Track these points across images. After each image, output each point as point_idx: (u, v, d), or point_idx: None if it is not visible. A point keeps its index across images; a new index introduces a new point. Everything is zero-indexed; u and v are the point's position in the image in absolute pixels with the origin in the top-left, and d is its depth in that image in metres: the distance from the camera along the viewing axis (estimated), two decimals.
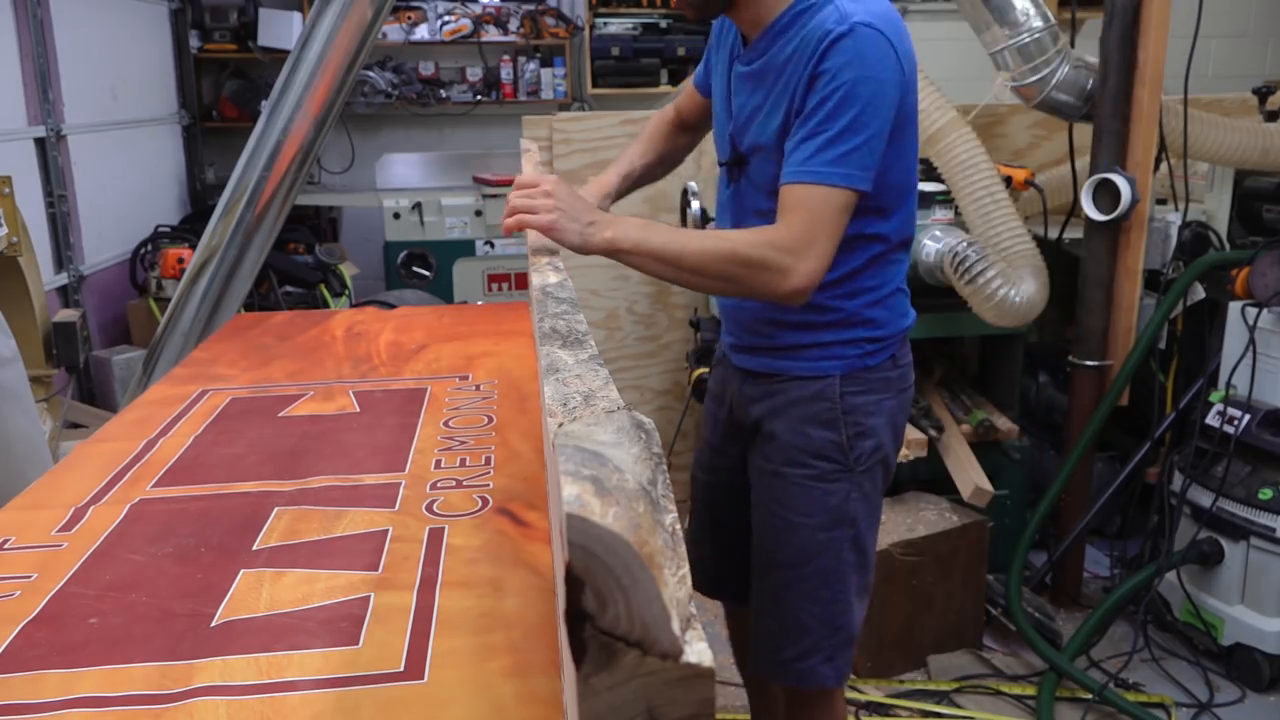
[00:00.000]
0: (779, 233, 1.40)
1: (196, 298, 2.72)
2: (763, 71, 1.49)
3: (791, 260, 1.38)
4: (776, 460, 1.60)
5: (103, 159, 4.33)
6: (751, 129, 1.52)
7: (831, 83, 1.37)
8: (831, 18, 1.39)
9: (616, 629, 0.43)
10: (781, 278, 1.39)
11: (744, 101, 1.54)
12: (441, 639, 0.83)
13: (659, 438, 0.56)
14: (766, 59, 1.48)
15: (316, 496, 1.12)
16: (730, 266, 1.40)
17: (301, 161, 2.71)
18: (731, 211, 1.60)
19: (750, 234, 1.43)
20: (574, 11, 5.52)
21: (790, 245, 1.38)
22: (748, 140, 1.53)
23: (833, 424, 1.57)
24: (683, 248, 1.41)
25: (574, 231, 1.38)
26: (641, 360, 3.36)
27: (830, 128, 1.38)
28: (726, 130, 1.58)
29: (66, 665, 0.79)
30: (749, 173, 1.55)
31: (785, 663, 1.63)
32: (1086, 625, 2.64)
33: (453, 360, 1.68)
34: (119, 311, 4.39)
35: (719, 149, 1.64)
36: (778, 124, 1.46)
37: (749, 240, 1.41)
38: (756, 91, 1.50)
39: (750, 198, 1.55)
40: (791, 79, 1.43)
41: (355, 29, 2.63)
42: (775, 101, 1.46)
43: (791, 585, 1.61)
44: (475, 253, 4.82)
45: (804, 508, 1.58)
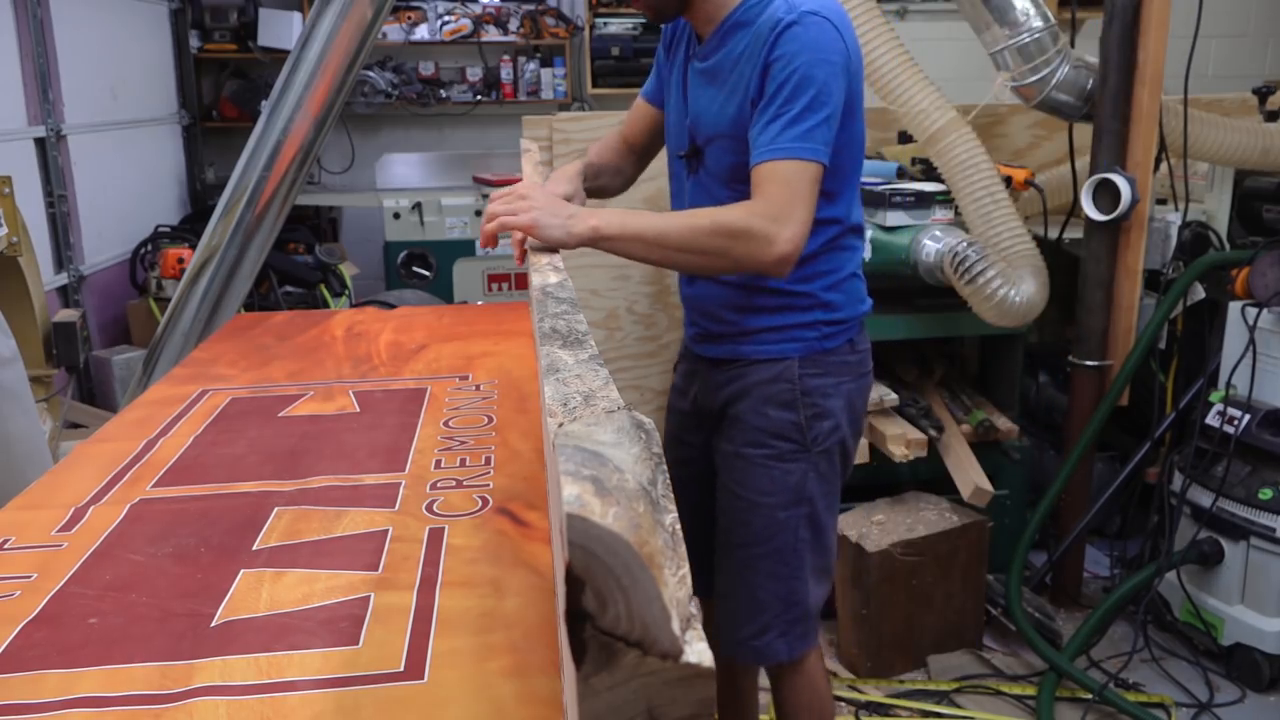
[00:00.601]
0: (758, 204, 1.45)
1: (196, 298, 2.72)
2: (718, 66, 1.55)
3: (775, 227, 1.43)
4: (738, 441, 1.66)
5: (103, 159, 4.33)
6: (707, 120, 1.58)
7: (786, 67, 1.44)
8: (780, 9, 1.47)
9: (617, 629, 0.43)
10: (767, 245, 1.44)
11: (699, 94, 1.60)
12: (441, 639, 0.82)
13: (659, 438, 0.56)
14: (722, 54, 1.55)
15: (316, 496, 1.12)
16: (715, 239, 1.45)
17: (301, 161, 2.71)
18: (691, 202, 1.65)
19: (730, 207, 1.48)
20: (574, 11, 5.52)
21: (771, 213, 1.44)
22: (704, 131, 1.59)
23: (791, 405, 1.63)
24: (666, 226, 1.46)
25: (556, 226, 1.41)
26: (641, 360, 3.36)
27: (791, 108, 1.44)
28: (684, 123, 1.64)
29: (66, 665, 0.79)
30: (706, 163, 1.61)
31: (743, 641, 1.69)
32: (1086, 625, 2.64)
33: (453, 360, 1.68)
34: (119, 311, 4.39)
35: (673, 143, 1.69)
36: (732, 113, 1.52)
37: (731, 212, 1.46)
38: (712, 84, 1.57)
39: (709, 187, 1.61)
40: (746, 69, 1.50)
41: (355, 29, 2.63)
42: (730, 91, 1.53)
43: (751, 564, 1.67)
44: (475, 253, 4.82)
45: (764, 487, 1.64)
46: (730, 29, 1.55)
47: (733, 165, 1.56)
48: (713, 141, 1.58)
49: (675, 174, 1.72)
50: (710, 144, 1.59)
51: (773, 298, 1.62)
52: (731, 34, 1.54)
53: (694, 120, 1.61)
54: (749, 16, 1.52)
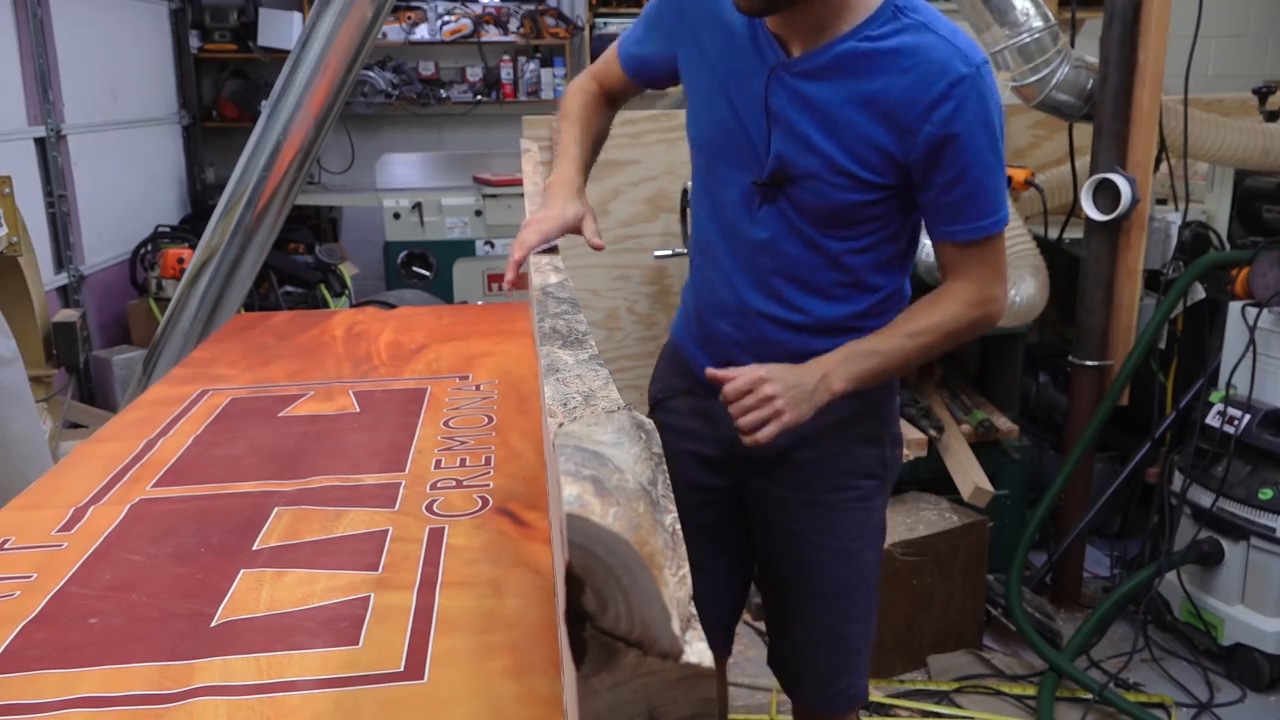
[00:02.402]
0: (970, 291, 1.40)
1: (196, 298, 2.72)
2: (830, 98, 1.34)
3: (994, 308, 1.41)
4: (817, 488, 1.52)
5: (103, 159, 4.33)
6: (809, 155, 1.36)
7: (982, 134, 1.32)
8: (943, 51, 1.30)
9: (617, 629, 0.43)
10: (989, 324, 1.43)
11: (797, 118, 1.36)
12: (441, 639, 0.82)
13: (659, 438, 0.56)
14: (838, 83, 1.33)
15: (316, 496, 1.12)
16: (949, 343, 1.43)
17: (301, 161, 2.71)
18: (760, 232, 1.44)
19: (946, 306, 1.40)
20: (574, 11, 5.52)
21: (987, 294, 1.40)
22: (802, 165, 1.37)
23: (876, 439, 1.53)
24: (903, 357, 1.40)
25: (808, 408, 1.35)
26: (641, 360, 3.36)
27: (986, 179, 1.35)
28: (762, 144, 1.39)
29: (66, 665, 0.79)
30: (795, 198, 1.40)
31: (838, 693, 1.60)
32: (1086, 625, 2.64)
33: (453, 360, 1.68)
34: (119, 311, 4.39)
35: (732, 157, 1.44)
36: (854, 159, 1.34)
37: (954, 315, 1.40)
38: (817, 114, 1.35)
39: (794, 224, 1.42)
40: (893, 117, 1.31)
41: (355, 29, 2.63)
42: (856, 135, 1.33)
43: (844, 612, 1.56)
44: (475, 253, 4.82)
45: (852, 531, 1.53)
46: (852, 55, 1.32)
47: (833, 209, 1.38)
48: (813, 180, 1.37)
49: (725, 188, 1.47)
50: (808, 181, 1.38)
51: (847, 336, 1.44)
52: (854, 61, 1.32)
53: (787, 150, 1.37)
54: (882, 44, 1.31)
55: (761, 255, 1.44)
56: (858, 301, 1.45)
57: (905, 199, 1.39)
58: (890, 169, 1.34)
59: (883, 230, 1.42)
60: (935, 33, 1.31)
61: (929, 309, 1.41)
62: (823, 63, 1.34)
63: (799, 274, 1.43)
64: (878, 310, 1.45)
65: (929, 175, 1.34)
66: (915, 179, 1.36)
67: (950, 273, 1.42)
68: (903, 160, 1.33)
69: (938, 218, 1.38)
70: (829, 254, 1.41)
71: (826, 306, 1.44)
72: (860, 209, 1.38)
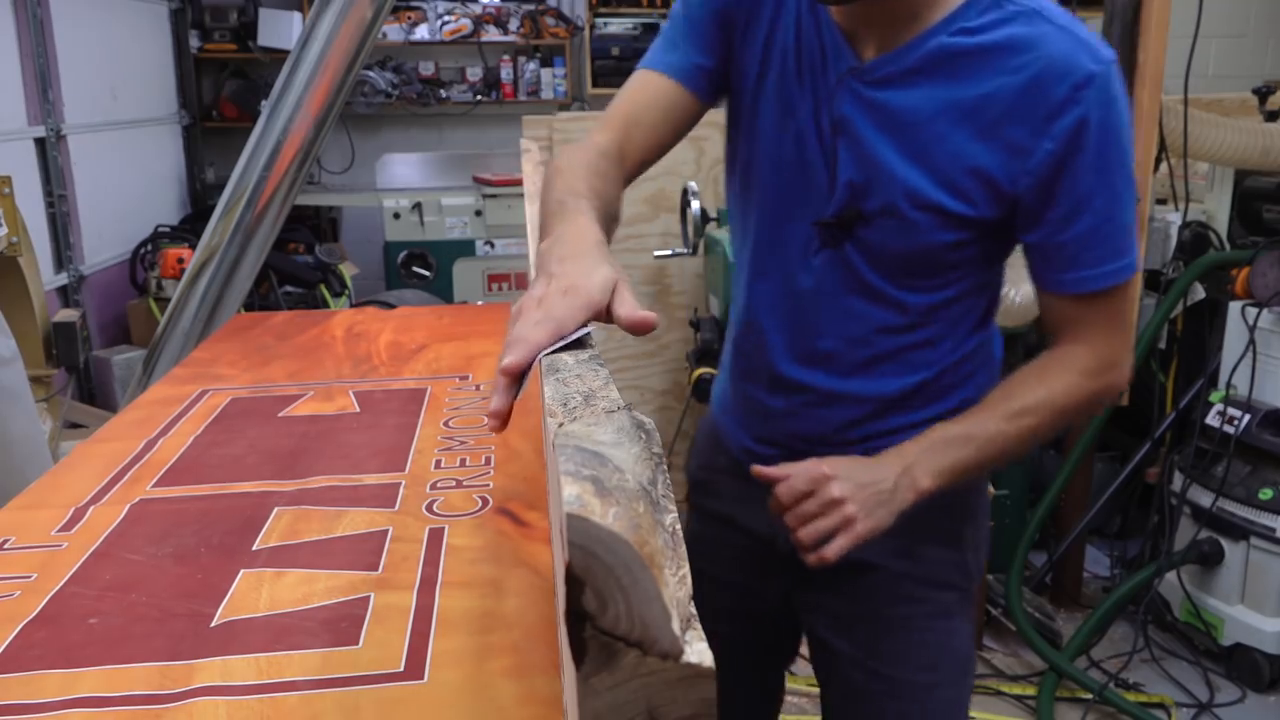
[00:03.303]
0: (1088, 358, 1.12)
1: (196, 298, 2.72)
2: (916, 109, 1.07)
3: (1118, 376, 1.14)
4: (880, 598, 1.21)
5: (103, 159, 4.33)
6: (886, 183, 1.09)
7: (1108, 157, 1.04)
8: (1066, 48, 1.02)
9: (617, 629, 0.43)
10: (1111, 397, 1.17)
11: (871, 139, 1.09)
12: (441, 639, 0.82)
13: (659, 438, 0.56)
14: (933, 87, 1.06)
15: (316, 496, 1.12)
16: (1061, 424, 1.15)
17: (301, 161, 2.71)
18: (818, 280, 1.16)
19: (1058, 378, 1.12)
20: (574, 11, 5.52)
21: (1109, 359, 1.12)
22: (878, 197, 1.09)
23: (956, 539, 1.23)
24: (1003, 442, 1.11)
25: (886, 513, 1.06)
26: (641, 360, 3.36)
27: (1115, 212, 1.06)
28: (825, 170, 1.12)
29: (66, 665, 0.79)
30: (864, 237, 1.12)
31: None
32: (1086, 625, 2.64)
33: (453, 360, 1.68)
34: (119, 311, 4.39)
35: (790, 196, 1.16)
36: (947, 188, 1.07)
37: (1068, 390, 1.12)
38: (902, 129, 1.07)
39: (859, 271, 1.14)
40: (1000, 133, 1.04)
41: (355, 29, 2.63)
42: (952, 155, 1.06)
43: None
44: (475, 253, 4.82)
45: (923, 660, 1.21)
46: (945, 54, 1.05)
47: (913, 253, 1.11)
48: (891, 216, 1.09)
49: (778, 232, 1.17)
50: (884, 218, 1.10)
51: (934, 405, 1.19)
52: (947, 61, 1.05)
53: (860, 177, 1.10)
54: (984, 38, 1.04)
55: (816, 312, 1.16)
56: (933, 368, 1.17)
57: (1002, 239, 1.13)
58: (991, 200, 1.07)
59: (970, 278, 1.15)
60: (1051, 22, 1.04)
61: (1036, 382, 1.12)
62: (906, 65, 1.07)
63: (865, 335, 1.15)
64: (954, 378, 1.18)
65: (1043, 208, 1.06)
66: (1022, 213, 1.08)
67: (1062, 333, 1.14)
68: (1009, 189, 1.06)
69: (1049, 263, 1.10)
70: (904, 310, 1.14)
71: (896, 376, 1.17)
72: (946, 252, 1.10)
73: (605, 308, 0.82)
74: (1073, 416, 1.15)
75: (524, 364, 0.77)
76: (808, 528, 1.05)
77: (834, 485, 1.04)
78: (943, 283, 1.13)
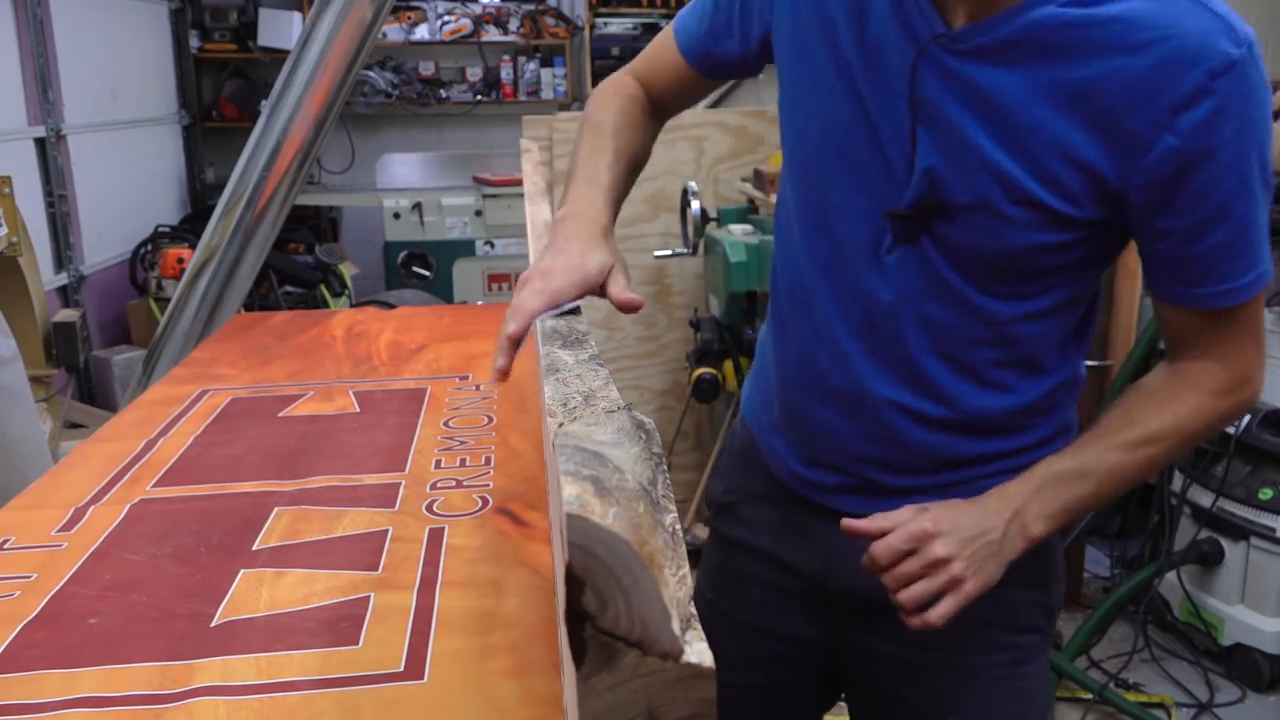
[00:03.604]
0: (1219, 376, 0.99)
1: (196, 298, 2.72)
2: (1018, 85, 0.92)
3: (1251, 392, 1.01)
4: (955, 647, 1.07)
5: (103, 159, 4.34)
6: (975, 172, 0.94)
7: (1246, 157, 0.90)
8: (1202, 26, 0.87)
9: (617, 629, 0.44)
10: (1241, 414, 1.04)
11: (957, 119, 0.94)
12: (441, 639, 0.82)
13: (659, 438, 0.56)
14: (1034, 64, 0.91)
15: (316, 496, 1.12)
16: (1186, 450, 1.09)
17: (301, 161, 2.71)
18: (900, 288, 1.02)
19: (1186, 399, 0.99)
20: (574, 11, 5.52)
21: (1241, 375, 0.99)
22: (965, 188, 0.95)
23: (1039, 578, 1.11)
24: (1123, 477, 0.99)
25: (996, 566, 0.95)
26: (641, 360, 3.36)
27: (1252, 219, 0.93)
28: (903, 152, 0.98)
29: (66, 665, 0.79)
30: (946, 234, 0.98)
31: None
32: (1086, 625, 2.64)
33: (453, 360, 1.68)
34: (119, 311, 4.39)
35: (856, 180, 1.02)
36: (1046, 182, 0.93)
37: (1197, 412, 0.99)
38: (995, 111, 0.93)
39: (943, 275, 1.00)
40: (1111, 121, 0.90)
41: (355, 29, 2.63)
42: (1054, 144, 0.92)
43: None
44: (475, 253, 4.83)
45: (1007, 711, 1.12)
46: (1051, 26, 0.90)
47: (1005, 255, 0.97)
48: (980, 211, 0.95)
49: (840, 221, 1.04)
50: (971, 213, 0.96)
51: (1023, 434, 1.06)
52: (1053, 35, 0.90)
53: (942, 164, 0.96)
54: (1099, 10, 0.89)
55: (891, 319, 1.03)
56: (1024, 391, 1.04)
57: (1108, 243, 0.99)
58: (1097, 198, 0.93)
59: (1070, 287, 1.01)
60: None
61: (1160, 405, 0.99)
62: (1004, 36, 0.91)
63: (946, 348, 1.02)
64: (1046, 403, 1.06)
65: (1163, 212, 0.92)
66: (1136, 216, 0.94)
67: (1187, 347, 1.00)
68: (1118, 187, 0.92)
69: (1175, 276, 0.96)
70: (991, 320, 1.01)
71: (981, 395, 1.04)
72: (1044, 255, 0.97)
73: (600, 286, 0.94)
74: (1201, 438, 1.04)
75: (522, 331, 0.90)
76: (910, 590, 0.92)
77: (938, 544, 0.92)
78: (1036, 290, 1.00)
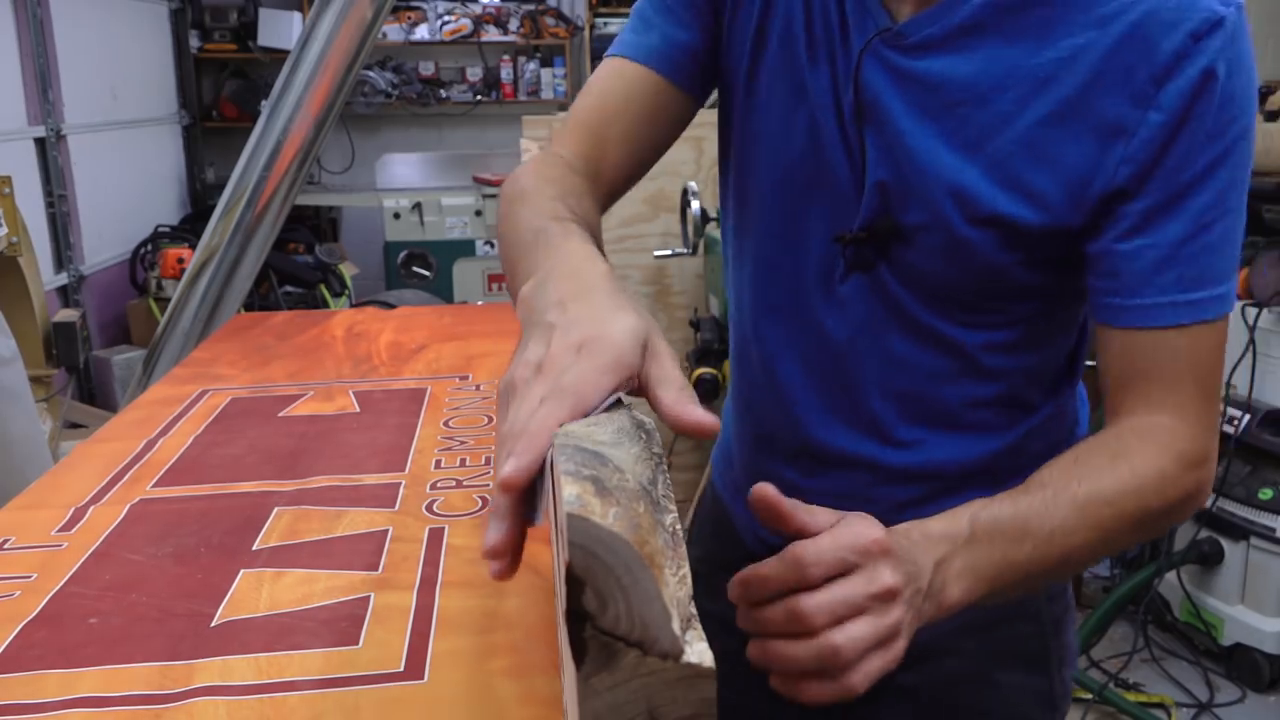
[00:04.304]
0: (1180, 435, 0.77)
1: (196, 298, 2.72)
2: (977, 76, 0.79)
3: (1208, 472, 0.80)
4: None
5: (103, 159, 4.34)
6: (930, 184, 0.81)
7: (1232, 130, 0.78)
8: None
9: (617, 629, 0.43)
10: (1200, 501, 0.81)
11: (909, 126, 0.81)
12: (442, 639, 0.82)
13: (659, 437, 0.56)
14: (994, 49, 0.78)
15: (316, 496, 1.12)
16: (1142, 532, 0.79)
17: (301, 161, 2.71)
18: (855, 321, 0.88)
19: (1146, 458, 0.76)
20: (574, 11, 5.52)
21: (1203, 447, 0.78)
22: (920, 204, 0.82)
23: (1040, 660, 0.94)
24: (1065, 542, 0.73)
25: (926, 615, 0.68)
26: None
27: (1228, 212, 0.82)
28: (847, 166, 0.85)
29: (66, 665, 0.79)
30: (902, 258, 0.85)
31: None
32: (1086, 625, 2.64)
33: (453, 360, 1.68)
34: (119, 311, 4.39)
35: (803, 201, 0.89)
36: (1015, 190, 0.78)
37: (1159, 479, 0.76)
38: (952, 111, 0.80)
39: (902, 303, 0.86)
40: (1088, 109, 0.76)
41: (355, 29, 2.63)
42: (1022, 143, 0.78)
43: None
44: (475, 253, 4.83)
45: None
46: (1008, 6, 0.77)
47: (970, 277, 0.83)
48: (938, 230, 0.82)
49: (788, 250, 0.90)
50: (928, 232, 0.82)
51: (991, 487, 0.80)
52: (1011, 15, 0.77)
53: (894, 177, 0.83)
54: None
55: (841, 356, 0.89)
56: (1006, 431, 0.90)
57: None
58: (1074, 202, 0.78)
59: (1048, 310, 0.87)
60: None
61: (1114, 460, 0.76)
62: (955, 21, 0.78)
63: (907, 387, 0.88)
64: (1042, 448, 0.88)
65: (1135, 197, 0.77)
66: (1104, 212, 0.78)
67: (1130, 392, 0.79)
68: (1101, 186, 0.77)
69: (1120, 279, 0.78)
70: (957, 352, 0.86)
71: (955, 441, 0.89)
72: (1014, 275, 0.82)
73: (637, 369, 0.57)
74: (1157, 524, 0.79)
75: (533, 468, 0.52)
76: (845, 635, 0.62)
77: (888, 569, 0.63)
78: (1011, 317, 0.85)
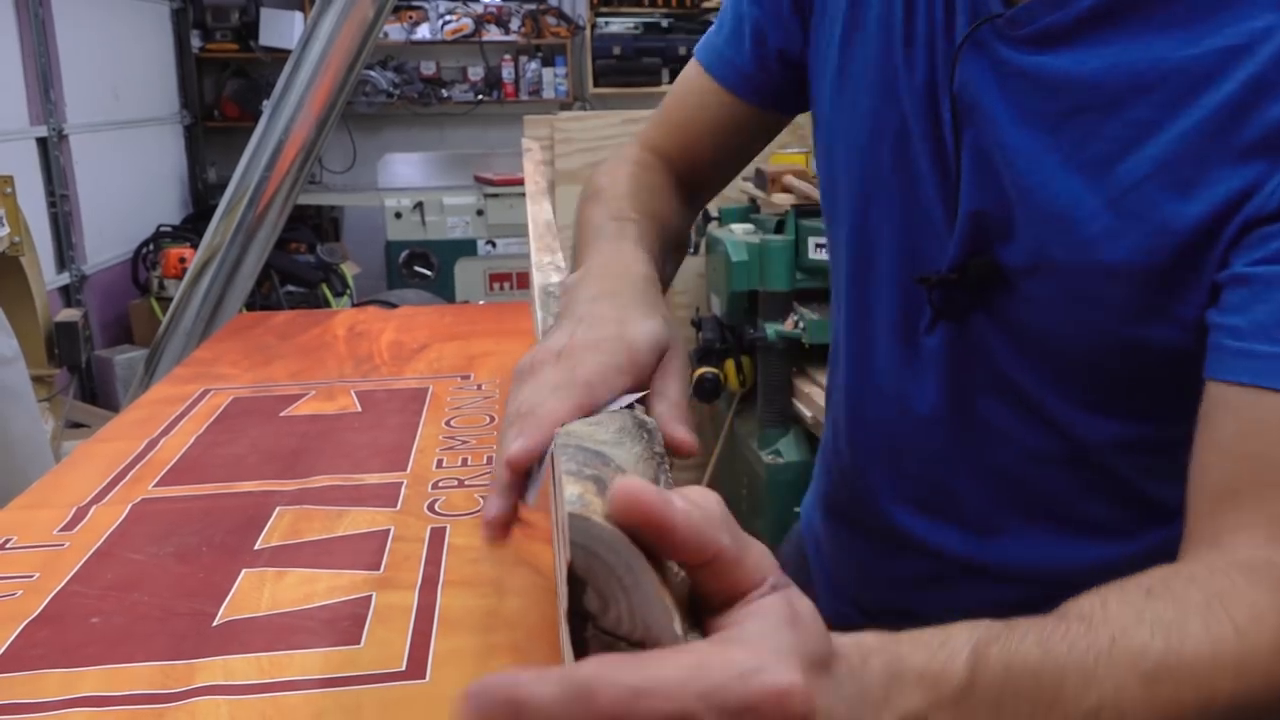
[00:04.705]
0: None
1: (198, 297, 2.72)
2: (1106, 76, 0.62)
3: None
4: None
5: (104, 159, 4.34)
6: (1043, 216, 0.64)
7: None
8: None
9: (619, 629, 0.43)
10: None
11: (1020, 134, 0.65)
12: (443, 638, 0.82)
13: (661, 437, 0.55)
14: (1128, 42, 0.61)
15: (318, 496, 1.12)
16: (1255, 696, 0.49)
17: (303, 161, 2.72)
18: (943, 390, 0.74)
19: (1254, 629, 0.48)
20: (575, 11, 5.53)
21: None
22: (1026, 240, 0.66)
23: None
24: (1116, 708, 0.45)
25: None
26: None
27: None
28: (939, 196, 0.70)
29: (68, 665, 0.79)
30: (1005, 309, 0.69)
31: None
32: None
33: (454, 360, 1.68)
34: (121, 311, 4.40)
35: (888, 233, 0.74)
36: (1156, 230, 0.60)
37: (1269, 655, 0.48)
38: (1068, 118, 0.63)
39: (1004, 372, 0.70)
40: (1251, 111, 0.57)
41: (357, 29, 2.63)
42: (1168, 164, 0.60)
43: None
44: (477, 252, 4.83)
45: None
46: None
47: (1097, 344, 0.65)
48: (1054, 274, 0.65)
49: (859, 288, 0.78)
50: (1040, 276, 0.66)
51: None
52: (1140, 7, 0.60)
53: (991, 206, 0.67)
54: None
55: (920, 423, 0.75)
56: (1128, 538, 0.72)
57: None
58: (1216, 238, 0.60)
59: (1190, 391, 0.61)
60: None
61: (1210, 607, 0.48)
62: (1083, 7, 0.62)
63: (1000, 464, 0.73)
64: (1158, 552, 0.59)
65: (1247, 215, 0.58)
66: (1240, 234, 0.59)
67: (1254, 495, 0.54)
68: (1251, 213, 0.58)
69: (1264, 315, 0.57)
70: (1073, 441, 0.70)
71: (1055, 543, 0.74)
72: (1159, 337, 0.63)
73: (649, 374, 0.55)
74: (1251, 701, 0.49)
75: (537, 450, 0.51)
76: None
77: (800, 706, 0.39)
78: (1146, 401, 0.66)
